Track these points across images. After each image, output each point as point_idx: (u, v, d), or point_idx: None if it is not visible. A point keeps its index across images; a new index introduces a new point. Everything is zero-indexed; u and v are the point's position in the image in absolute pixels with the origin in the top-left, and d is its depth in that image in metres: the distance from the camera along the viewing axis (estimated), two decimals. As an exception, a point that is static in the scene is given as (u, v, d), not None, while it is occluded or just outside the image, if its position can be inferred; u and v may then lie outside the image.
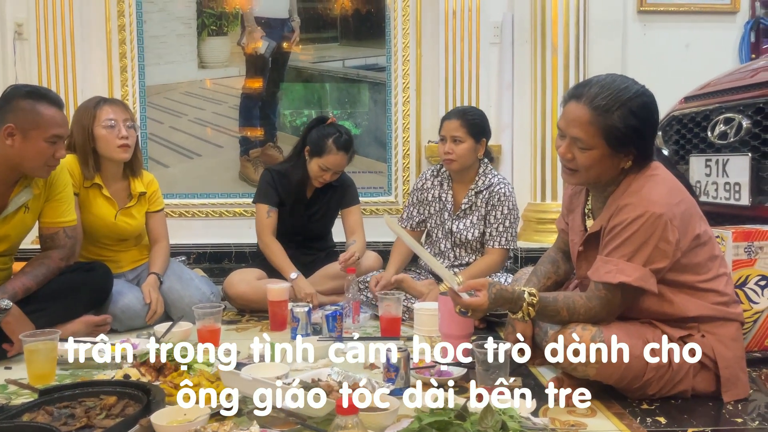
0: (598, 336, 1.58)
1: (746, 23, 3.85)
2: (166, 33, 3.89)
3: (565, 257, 1.97)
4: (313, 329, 2.29)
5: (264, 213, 2.83)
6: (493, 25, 3.82)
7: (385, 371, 1.73)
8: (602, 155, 1.62)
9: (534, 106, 3.64)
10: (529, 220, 3.67)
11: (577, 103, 1.62)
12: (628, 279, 1.58)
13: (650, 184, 1.63)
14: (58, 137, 2.08)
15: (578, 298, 1.64)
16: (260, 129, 3.96)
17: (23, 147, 2.04)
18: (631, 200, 1.61)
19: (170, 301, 2.56)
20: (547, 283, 1.94)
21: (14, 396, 1.71)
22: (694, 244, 1.64)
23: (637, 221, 1.58)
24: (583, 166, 1.64)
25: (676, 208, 1.60)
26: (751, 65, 2.70)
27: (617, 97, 1.58)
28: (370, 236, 3.09)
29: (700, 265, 1.66)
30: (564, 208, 1.95)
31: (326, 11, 3.95)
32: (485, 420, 1.33)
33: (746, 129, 2.33)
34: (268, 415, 1.52)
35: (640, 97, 1.61)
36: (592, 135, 1.60)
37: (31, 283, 2.15)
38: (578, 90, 1.65)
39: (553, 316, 1.65)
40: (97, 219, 2.52)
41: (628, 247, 1.58)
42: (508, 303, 1.64)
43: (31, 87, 2.15)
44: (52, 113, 2.06)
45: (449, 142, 2.63)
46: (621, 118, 1.58)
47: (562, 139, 1.67)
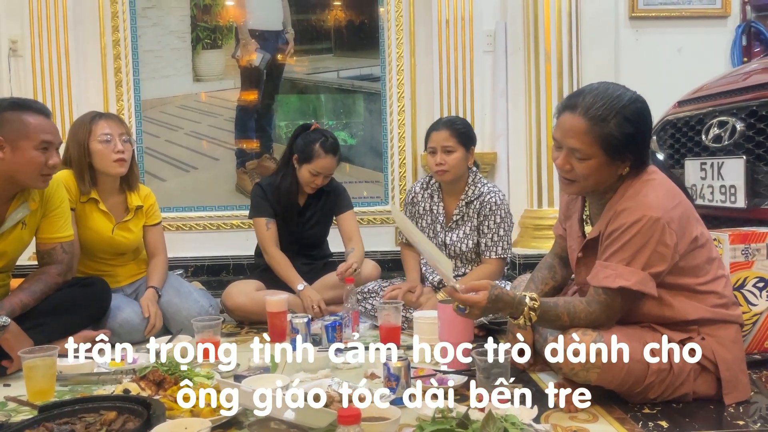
0: (598, 339, 1.58)
1: (738, 27, 3.88)
2: (160, 47, 3.90)
3: (562, 263, 1.97)
4: (312, 340, 2.29)
5: (263, 226, 2.83)
6: (486, 34, 3.85)
7: (386, 380, 1.72)
8: (600, 164, 1.62)
9: (528, 113, 3.66)
10: (526, 226, 3.67)
11: (573, 114, 1.62)
12: (627, 283, 1.58)
13: (647, 188, 1.64)
14: (49, 143, 2.07)
15: (579, 303, 1.64)
16: (256, 141, 3.97)
17: (14, 159, 2.03)
18: (628, 205, 1.62)
19: (169, 314, 2.55)
20: (545, 289, 1.94)
21: (14, 413, 1.70)
22: (692, 246, 1.64)
23: (635, 226, 1.58)
24: (582, 175, 1.64)
25: (673, 212, 1.60)
26: (744, 68, 2.71)
27: (612, 105, 1.59)
28: (368, 246, 3.09)
29: (698, 268, 1.66)
30: (561, 214, 1.96)
31: (320, 22, 3.97)
32: (487, 427, 1.33)
33: (740, 132, 2.34)
34: (270, 427, 1.51)
35: (635, 104, 1.62)
36: (589, 144, 1.60)
37: (28, 299, 2.14)
38: (572, 100, 1.65)
39: (554, 321, 1.65)
40: (94, 234, 2.52)
41: (627, 251, 1.59)
42: (508, 307, 1.64)
43: (14, 99, 2.17)
44: (38, 121, 2.06)
45: (440, 153, 2.63)
46: (617, 126, 1.59)
47: (559, 151, 1.68)
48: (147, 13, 3.87)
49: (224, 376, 1.88)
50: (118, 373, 1.98)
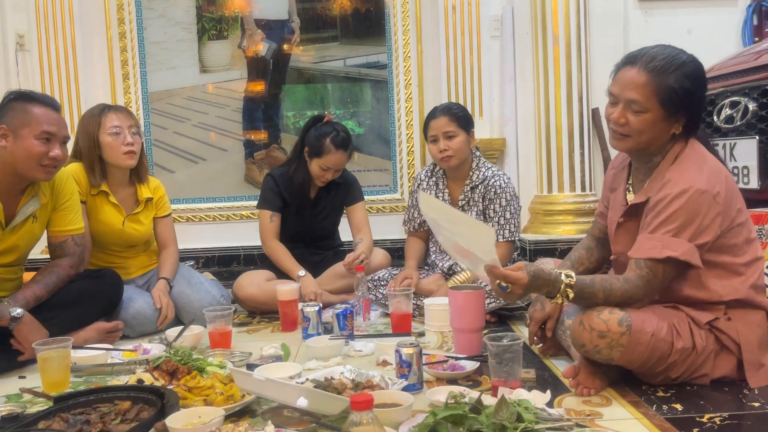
0: (625, 320, 1.56)
1: (748, 6, 3.81)
2: (166, 39, 3.89)
3: (599, 244, 1.96)
4: (324, 328, 2.29)
5: (267, 218, 2.83)
6: (493, 19, 3.81)
7: (398, 368, 1.72)
8: (655, 119, 1.63)
9: (537, 98, 3.63)
10: (536, 212, 3.65)
11: (633, 67, 1.64)
12: (675, 253, 1.56)
13: (693, 160, 1.64)
14: (51, 135, 2.06)
15: (615, 282, 1.61)
16: (264, 131, 3.96)
17: (15, 147, 2.03)
18: (675, 176, 1.62)
19: (181, 305, 2.56)
20: (579, 269, 1.93)
21: (29, 404, 1.72)
22: (734, 223, 1.64)
23: (682, 196, 1.57)
24: (636, 130, 1.65)
25: (719, 186, 1.60)
26: (755, 48, 2.68)
27: (672, 60, 1.62)
28: (377, 234, 3.09)
29: (737, 247, 1.66)
30: (605, 189, 1.94)
31: (325, 11, 3.94)
32: (500, 412, 1.33)
33: (753, 112, 2.31)
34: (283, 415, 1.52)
35: (694, 62, 1.66)
36: (648, 97, 1.62)
37: (42, 291, 2.15)
38: (631, 56, 1.68)
39: (589, 298, 1.62)
40: (105, 226, 2.53)
41: (673, 222, 1.58)
42: (545, 285, 1.59)
43: (24, 90, 2.17)
44: (42, 111, 2.06)
45: (442, 140, 2.62)
46: (677, 80, 1.61)
47: (614, 106, 1.68)
48: (152, 5, 3.86)
49: (237, 365, 1.89)
50: (131, 363, 2.00)
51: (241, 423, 1.35)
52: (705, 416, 1.49)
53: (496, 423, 1.31)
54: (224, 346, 2.15)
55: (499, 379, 1.60)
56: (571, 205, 3.51)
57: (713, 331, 1.64)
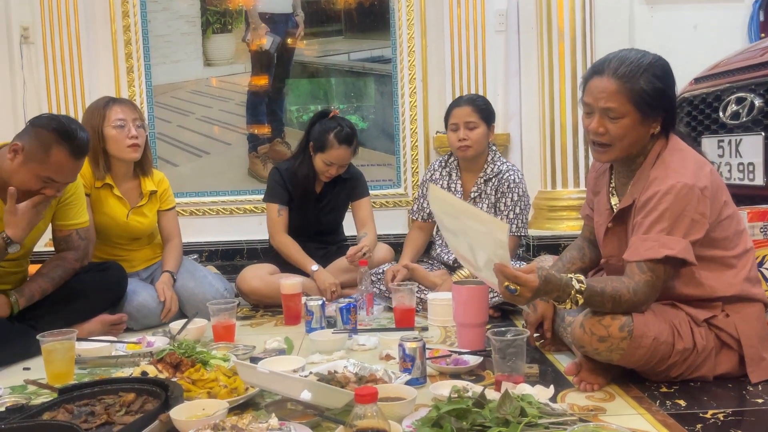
0: (626, 325, 1.55)
1: (754, 2, 3.80)
2: (170, 32, 3.89)
3: (591, 245, 1.95)
4: (327, 322, 2.30)
5: (275, 212, 2.84)
6: (498, 13, 3.80)
7: (401, 362, 1.72)
8: (633, 122, 1.63)
9: (542, 93, 3.61)
10: (540, 208, 3.65)
11: (601, 77, 1.64)
12: (673, 252, 1.55)
13: (676, 157, 1.64)
14: (53, 181, 2.02)
15: (625, 293, 1.56)
16: (267, 125, 3.96)
17: (17, 169, 2.00)
18: (659, 173, 1.62)
19: (184, 298, 2.57)
20: (572, 269, 1.92)
21: (34, 396, 1.73)
22: (723, 215, 1.64)
23: (669, 194, 1.57)
24: (616, 136, 1.64)
25: (704, 179, 1.60)
26: (761, 44, 2.66)
27: (638, 64, 1.63)
28: (381, 229, 3.08)
29: (728, 240, 1.66)
30: (589, 192, 1.94)
31: (330, 5, 3.93)
32: (503, 407, 1.33)
33: (759, 108, 2.30)
34: (287, 408, 1.52)
35: (659, 61, 1.66)
36: (623, 102, 1.62)
37: (47, 284, 2.17)
38: (598, 66, 1.68)
39: (597, 306, 1.58)
40: (109, 219, 2.53)
41: (665, 220, 1.57)
42: (556, 290, 1.53)
43: (63, 123, 2.02)
44: (60, 161, 1.99)
45: (463, 129, 2.62)
46: (647, 81, 1.61)
47: (590, 117, 1.68)
48: (156, -2, 3.86)
49: (240, 358, 1.90)
50: (135, 356, 2.01)
51: (245, 416, 1.35)
52: (708, 412, 1.49)
53: (500, 417, 1.31)
54: (228, 339, 2.16)
55: (502, 374, 1.60)
56: (575, 201, 3.50)
57: (712, 329, 1.64)
